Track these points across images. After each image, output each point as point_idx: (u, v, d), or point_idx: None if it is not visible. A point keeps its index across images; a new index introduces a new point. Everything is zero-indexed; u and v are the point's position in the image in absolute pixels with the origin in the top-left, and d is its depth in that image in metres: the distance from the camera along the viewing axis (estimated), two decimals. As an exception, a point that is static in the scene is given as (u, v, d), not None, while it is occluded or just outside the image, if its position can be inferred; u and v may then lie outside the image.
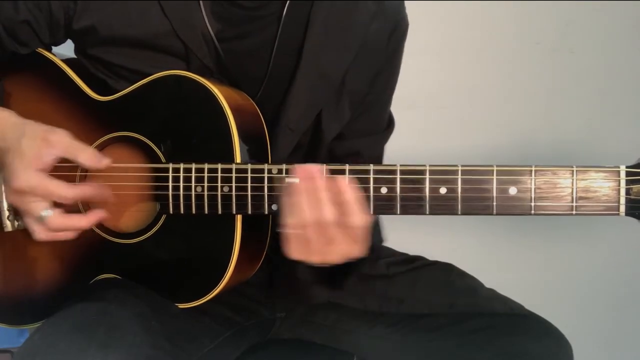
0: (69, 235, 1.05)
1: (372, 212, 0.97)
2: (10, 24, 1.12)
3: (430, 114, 1.93)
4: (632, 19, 1.92)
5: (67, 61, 1.17)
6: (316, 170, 0.95)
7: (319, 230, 0.94)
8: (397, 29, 1.18)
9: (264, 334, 1.28)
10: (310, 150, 1.20)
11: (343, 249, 0.96)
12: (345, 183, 0.94)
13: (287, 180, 0.97)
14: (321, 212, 0.93)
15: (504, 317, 1.18)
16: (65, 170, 1.06)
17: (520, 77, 1.93)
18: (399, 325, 1.22)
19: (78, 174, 1.09)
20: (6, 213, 1.10)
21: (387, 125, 1.27)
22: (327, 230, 0.94)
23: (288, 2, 1.12)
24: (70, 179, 1.08)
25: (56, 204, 1.02)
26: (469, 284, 1.26)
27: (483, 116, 1.95)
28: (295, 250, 0.97)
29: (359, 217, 0.94)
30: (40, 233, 1.03)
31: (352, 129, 1.21)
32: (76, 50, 1.18)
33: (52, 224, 1.02)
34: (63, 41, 1.18)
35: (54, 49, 1.19)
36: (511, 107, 1.95)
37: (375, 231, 1.22)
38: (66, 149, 1.01)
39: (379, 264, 1.28)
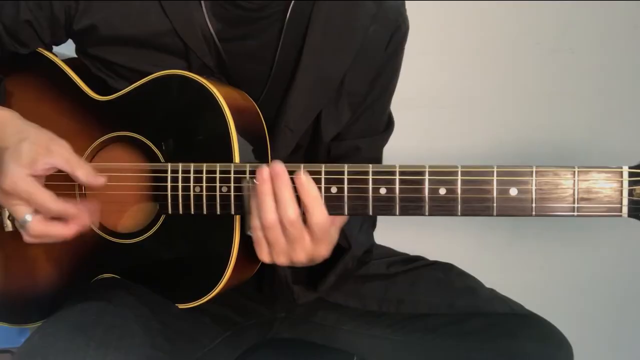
0: (52, 240, 1.04)
1: (371, 212, 0.96)
2: (12, 24, 1.11)
3: (430, 114, 1.92)
4: (632, 19, 1.92)
5: (68, 61, 1.17)
6: (278, 169, 0.95)
7: (282, 230, 0.95)
8: (397, 31, 1.18)
9: (264, 334, 1.28)
10: (309, 150, 1.20)
11: (307, 248, 0.97)
12: (306, 181, 0.95)
13: (251, 182, 0.98)
14: (283, 211, 0.94)
15: (504, 317, 1.18)
16: (61, 179, 1.05)
17: (520, 77, 1.93)
18: (399, 325, 1.22)
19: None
20: (6, 213, 1.10)
21: (387, 126, 1.26)
22: (289, 230, 0.95)
23: (293, 2, 1.12)
24: (68, 181, 1.08)
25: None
26: (469, 284, 1.26)
27: (483, 116, 1.94)
28: (262, 252, 0.98)
29: (319, 215, 0.95)
30: (24, 236, 1.03)
31: (351, 130, 1.21)
32: (77, 50, 1.18)
33: (31, 231, 1.00)
34: (64, 41, 1.18)
35: (55, 48, 1.19)
36: (511, 107, 1.94)
37: (365, 233, 1.22)
38: (64, 162, 1.00)
39: (379, 264, 1.28)
